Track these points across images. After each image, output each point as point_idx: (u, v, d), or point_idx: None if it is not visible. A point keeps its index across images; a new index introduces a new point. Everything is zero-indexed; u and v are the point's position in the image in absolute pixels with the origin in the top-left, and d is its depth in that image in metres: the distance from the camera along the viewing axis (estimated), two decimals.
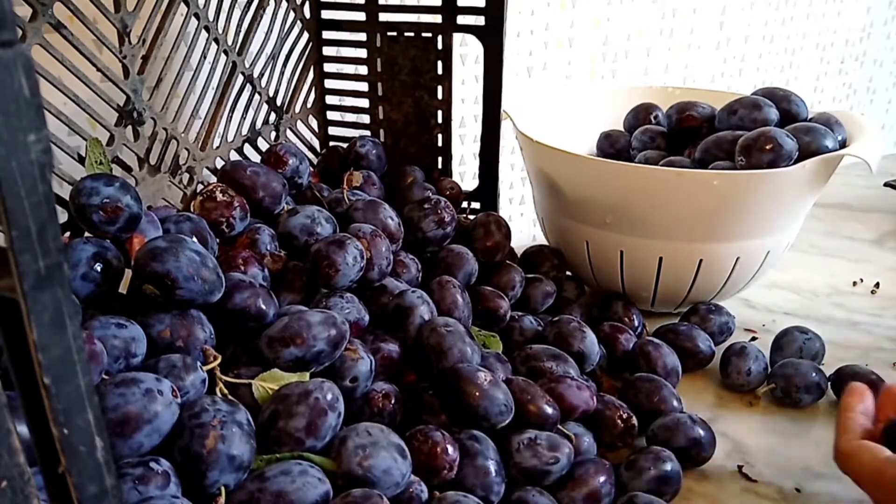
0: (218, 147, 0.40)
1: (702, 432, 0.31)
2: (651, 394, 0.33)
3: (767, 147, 0.36)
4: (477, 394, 0.27)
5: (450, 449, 0.26)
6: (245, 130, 0.42)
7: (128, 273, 0.28)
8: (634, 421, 0.32)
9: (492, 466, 0.27)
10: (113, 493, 0.13)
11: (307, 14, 0.45)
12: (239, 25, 0.40)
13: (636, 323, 0.41)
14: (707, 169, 0.39)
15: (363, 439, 0.24)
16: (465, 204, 0.46)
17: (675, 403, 0.34)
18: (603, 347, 0.37)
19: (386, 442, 0.24)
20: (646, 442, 0.32)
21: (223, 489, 0.22)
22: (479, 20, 0.41)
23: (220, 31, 0.38)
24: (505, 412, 0.28)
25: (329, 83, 0.47)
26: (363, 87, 0.46)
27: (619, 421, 0.31)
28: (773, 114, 0.40)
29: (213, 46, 0.38)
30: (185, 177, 0.38)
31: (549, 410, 0.29)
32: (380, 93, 0.46)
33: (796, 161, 0.37)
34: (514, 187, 0.62)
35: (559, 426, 0.30)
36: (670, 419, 0.32)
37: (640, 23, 0.62)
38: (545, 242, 0.46)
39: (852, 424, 0.27)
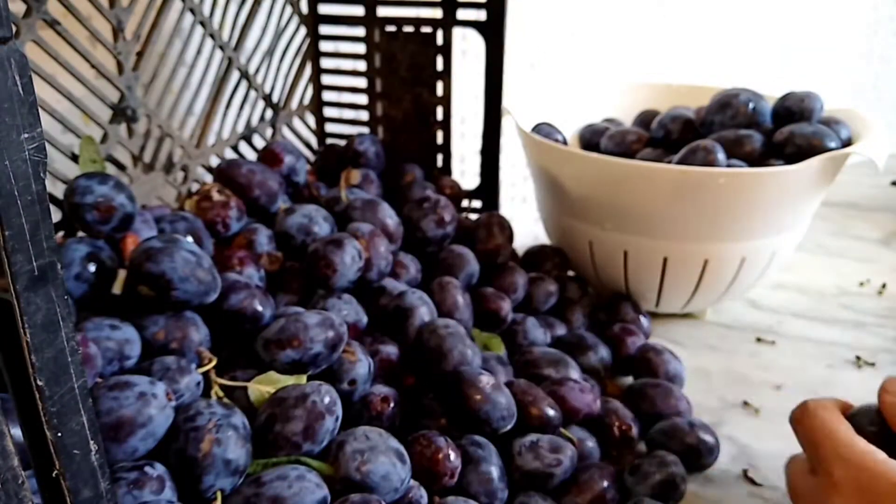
0: (213, 145, 0.40)
1: (701, 437, 0.31)
2: (656, 399, 0.33)
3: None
4: (478, 397, 0.27)
5: (452, 456, 0.25)
6: (241, 128, 0.42)
7: (121, 273, 0.27)
8: (633, 432, 0.31)
9: (494, 472, 0.26)
10: (107, 496, 0.13)
11: (304, 9, 0.44)
12: (235, 21, 0.39)
13: (645, 325, 0.41)
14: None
15: (361, 444, 0.24)
16: (465, 203, 0.46)
17: (685, 405, 0.33)
18: (609, 349, 0.37)
19: (384, 446, 0.24)
20: (646, 447, 0.32)
21: (219, 493, 0.22)
22: (480, 15, 0.41)
23: (216, 27, 0.38)
24: (507, 418, 0.27)
25: (326, 79, 0.47)
26: (361, 83, 0.46)
27: (616, 430, 0.31)
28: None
29: (209, 42, 0.38)
30: (180, 175, 0.38)
31: (551, 413, 0.28)
32: (378, 89, 0.45)
33: (803, 159, 0.36)
34: (516, 186, 0.61)
35: (562, 429, 0.29)
36: (669, 424, 0.31)
37: (642, 18, 0.62)
38: (547, 242, 0.45)
39: None
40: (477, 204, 0.46)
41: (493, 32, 0.41)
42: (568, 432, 0.29)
